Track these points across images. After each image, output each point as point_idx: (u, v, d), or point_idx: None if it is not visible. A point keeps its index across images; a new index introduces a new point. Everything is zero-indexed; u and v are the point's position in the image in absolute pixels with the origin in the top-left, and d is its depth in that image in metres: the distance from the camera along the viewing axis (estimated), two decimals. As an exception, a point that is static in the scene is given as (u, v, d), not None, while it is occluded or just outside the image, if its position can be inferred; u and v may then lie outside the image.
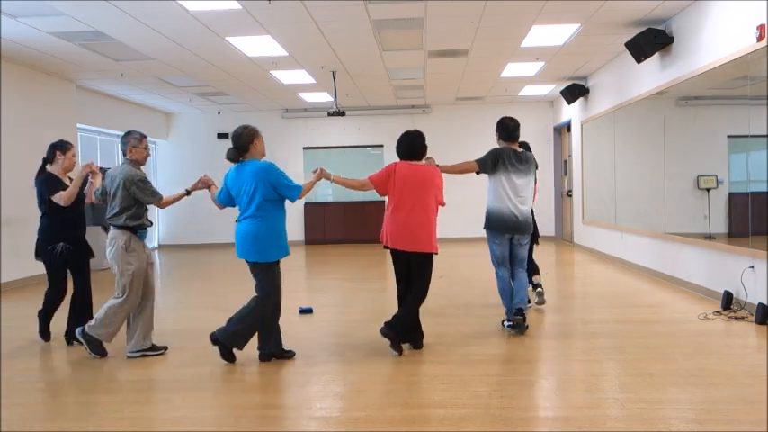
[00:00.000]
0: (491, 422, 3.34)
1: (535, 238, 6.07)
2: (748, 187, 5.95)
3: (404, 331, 4.73)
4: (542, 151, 12.74)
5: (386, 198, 4.81)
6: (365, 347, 4.73)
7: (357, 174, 4.92)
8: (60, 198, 5.00)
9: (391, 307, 5.01)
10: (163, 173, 14.53)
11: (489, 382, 4.05)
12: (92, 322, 4.70)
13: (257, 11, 6.69)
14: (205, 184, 4.92)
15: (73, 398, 4.09)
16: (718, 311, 5.79)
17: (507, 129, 5.40)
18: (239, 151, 4.48)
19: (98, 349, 4.71)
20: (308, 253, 12.74)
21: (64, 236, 5.09)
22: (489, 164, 5.23)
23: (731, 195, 6.43)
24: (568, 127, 12.71)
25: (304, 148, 14.28)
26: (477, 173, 5.31)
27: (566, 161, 13.26)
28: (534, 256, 6.41)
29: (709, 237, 6.64)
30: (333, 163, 14.22)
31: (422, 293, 4.78)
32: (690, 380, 3.93)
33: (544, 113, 13.70)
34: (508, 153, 5.28)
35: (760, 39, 5.34)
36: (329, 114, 11.01)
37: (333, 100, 10.98)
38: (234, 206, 4.69)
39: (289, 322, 6.04)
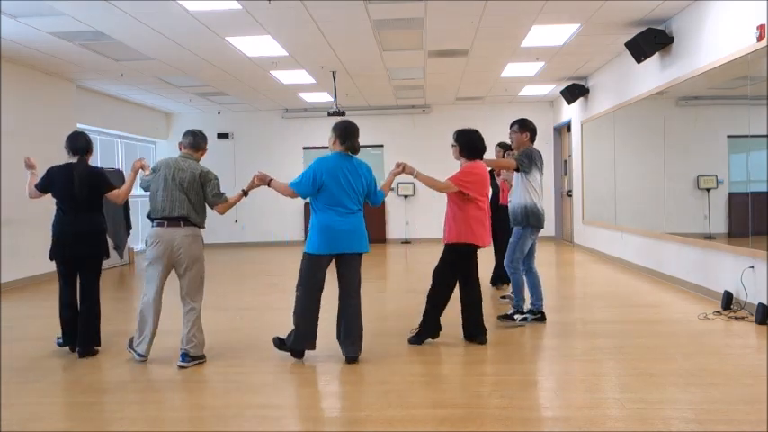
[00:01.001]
0: (491, 422, 3.34)
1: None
2: (748, 187, 5.95)
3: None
4: (542, 151, 12.70)
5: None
6: (365, 347, 4.72)
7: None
8: (118, 196, 4.88)
9: (391, 307, 5.01)
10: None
11: (489, 382, 4.06)
12: (191, 344, 4.50)
13: (257, 11, 6.69)
14: (262, 180, 4.67)
15: (73, 398, 4.09)
16: (718, 311, 5.79)
17: (535, 131, 5.78)
18: (356, 145, 4.65)
19: (203, 356, 4.65)
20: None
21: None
22: (526, 163, 5.52)
23: (731, 195, 6.43)
24: (568, 127, 12.71)
25: (304, 148, 14.28)
26: (517, 170, 5.59)
27: (566, 161, 13.27)
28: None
29: (709, 237, 6.64)
30: (333, 163, 14.20)
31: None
32: (690, 380, 3.93)
33: (544, 113, 13.70)
34: (538, 153, 5.64)
35: (760, 39, 5.34)
36: (329, 114, 11.00)
37: (333, 100, 10.98)
38: (306, 197, 4.64)
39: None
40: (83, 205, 4.80)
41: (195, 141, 4.74)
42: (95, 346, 4.93)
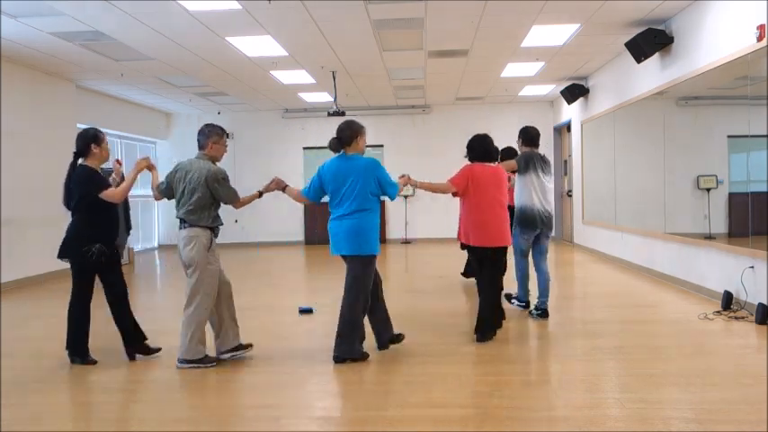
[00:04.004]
0: (491, 422, 3.34)
1: None
2: (748, 187, 5.95)
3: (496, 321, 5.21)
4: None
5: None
6: (365, 347, 4.72)
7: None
8: (114, 195, 4.59)
9: (392, 307, 5.01)
10: (163, 173, 14.45)
11: (489, 382, 4.06)
12: (181, 349, 4.44)
13: (257, 11, 6.69)
14: (278, 185, 4.80)
15: (73, 398, 4.09)
16: (718, 311, 5.79)
17: (530, 135, 6.00)
18: (342, 143, 4.59)
19: (209, 360, 4.51)
20: (308, 253, 12.73)
21: (103, 237, 4.59)
22: (522, 164, 5.79)
23: (731, 195, 6.43)
24: (568, 127, 12.71)
25: (304, 148, 14.28)
26: (515, 172, 5.88)
27: (566, 161, 13.27)
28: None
29: (709, 237, 6.64)
30: (333, 163, 14.21)
31: (500, 284, 5.29)
32: (690, 380, 3.94)
33: (544, 113, 13.69)
34: (537, 156, 5.86)
35: (760, 39, 5.34)
36: (329, 114, 11.00)
37: (333, 100, 10.98)
38: (319, 201, 4.73)
39: (289, 322, 6.05)
40: (71, 207, 4.64)
41: (198, 141, 4.64)
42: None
